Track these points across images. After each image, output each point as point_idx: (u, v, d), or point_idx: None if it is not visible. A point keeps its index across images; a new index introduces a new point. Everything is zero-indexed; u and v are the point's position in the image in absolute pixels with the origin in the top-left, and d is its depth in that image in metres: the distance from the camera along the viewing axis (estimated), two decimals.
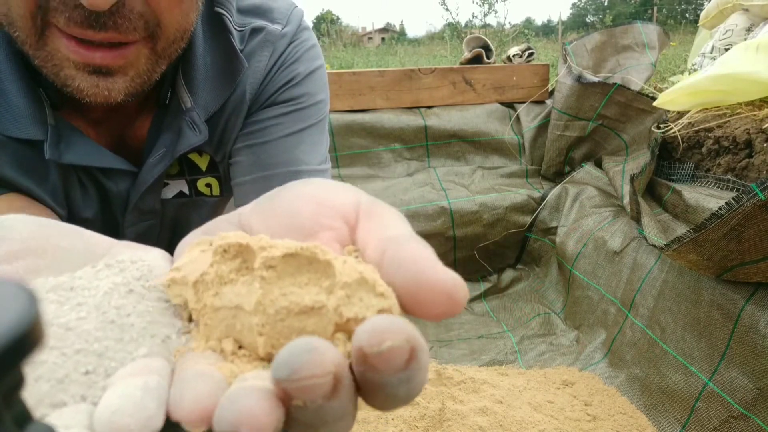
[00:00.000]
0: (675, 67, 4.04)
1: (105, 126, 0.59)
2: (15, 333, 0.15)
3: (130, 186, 0.61)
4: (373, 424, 1.14)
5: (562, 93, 1.81)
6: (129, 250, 0.28)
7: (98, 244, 0.28)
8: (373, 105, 1.96)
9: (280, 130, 0.62)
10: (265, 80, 0.63)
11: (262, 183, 0.61)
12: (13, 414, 0.17)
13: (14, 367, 0.16)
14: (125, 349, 0.22)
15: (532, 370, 1.39)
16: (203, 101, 0.58)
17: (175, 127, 0.58)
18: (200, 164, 0.66)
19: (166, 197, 0.67)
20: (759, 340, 0.93)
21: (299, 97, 0.63)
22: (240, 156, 0.63)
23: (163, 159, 0.59)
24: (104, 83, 0.45)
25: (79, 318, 0.22)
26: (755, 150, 1.18)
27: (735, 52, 1.19)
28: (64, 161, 0.54)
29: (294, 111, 0.63)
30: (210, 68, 0.59)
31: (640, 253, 1.33)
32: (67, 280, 0.24)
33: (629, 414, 1.17)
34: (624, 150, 1.78)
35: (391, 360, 0.19)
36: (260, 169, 0.62)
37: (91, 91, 0.45)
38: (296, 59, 0.64)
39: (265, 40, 0.61)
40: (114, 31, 0.43)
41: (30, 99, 0.51)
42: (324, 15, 12.03)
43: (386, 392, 0.20)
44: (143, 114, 0.60)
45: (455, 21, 8.26)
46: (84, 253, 0.27)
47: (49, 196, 0.58)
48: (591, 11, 42.82)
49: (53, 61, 0.44)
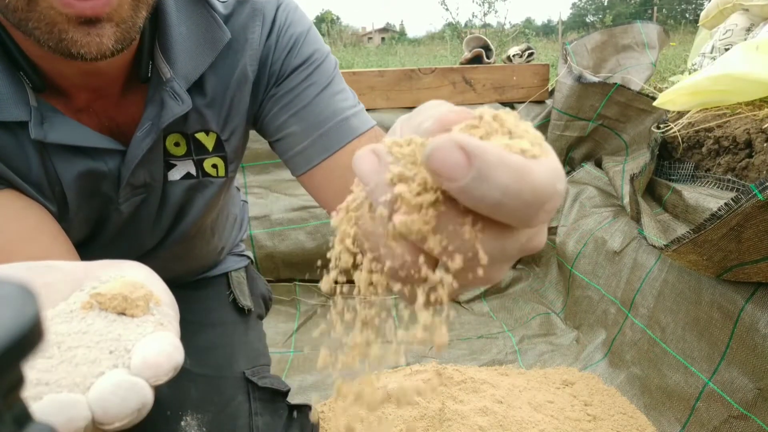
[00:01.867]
0: (675, 67, 4.04)
1: (88, 113, 0.60)
2: (15, 333, 0.15)
3: (120, 163, 0.61)
4: (373, 424, 1.14)
5: (562, 93, 1.81)
6: (103, 270, 0.32)
7: (76, 271, 0.32)
8: (373, 105, 1.96)
9: (313, 89, 0.65)
10: (269, 52, 0.64)
11: (320, 141, 0.64)
12: (13, 414, 0.17)
13: (14, 366, 0.16)
14: (136, 332, 0.29)
15: (532, 370, 1.39)
16: (183, 71, 0.59)
17: (158, 99, 0.59)
18: (207, 144, 0.67)
19: (174, 179, 0.67)
20: (759, 340, 0.93)
21: (311, 55, 0.66)
22: (290, 127, 0.66)
23: (149, 132, 0.60)
24: (94, 31, 0.47)
25: (89, 324, 0.30)
26: (755, 150, 1.18)
27: (735, 52, 1.19)
28: (49, 140, 0.55)
29: (315, 69, 0.66)
30: (186, 38, 0.60)
31: (640, 253, 1.33)
32: (69, 303, 0.31)
33: (629, 414, 1.17)
34: (624, 150, 1.78)
35: (444, 162, 0.21)
36: (315, 129, 0.64)
37: (84, 40, 0.47)
38: (290, 23, 0.65)
39: (252, 10, 0.63)
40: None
41: (10, 82, 0.52)
42: (324, 15, 12.04)
43: (470, 196, 0.22)
44: (126, 97, 0.61)
45: (455, 21, 8.26)
46: (66, 282, 0.31)
47: (36, 190, 0.58)
48: (591, 11, 42.82)
49: (46, 19, 0.46)
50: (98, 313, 0.30)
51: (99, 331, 0.29)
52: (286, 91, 0.65)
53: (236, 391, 0.80)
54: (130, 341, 0.29)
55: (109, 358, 0.28)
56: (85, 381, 0.27)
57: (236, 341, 0.87)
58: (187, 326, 0.91)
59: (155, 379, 0.27)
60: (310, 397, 1.30)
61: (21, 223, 0.56)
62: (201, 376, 0.79)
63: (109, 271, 0.32)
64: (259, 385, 0.81)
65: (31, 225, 0.56)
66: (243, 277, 0.96)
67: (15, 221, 0.55)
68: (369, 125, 0.66)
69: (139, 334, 0.29)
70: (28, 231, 0.56)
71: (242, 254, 0.99)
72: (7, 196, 0.56)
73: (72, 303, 0.30)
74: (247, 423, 0.78)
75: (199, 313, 0.87)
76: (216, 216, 0.82)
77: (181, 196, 0.69)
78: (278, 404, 0.82)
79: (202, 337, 0.84)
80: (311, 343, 1.58)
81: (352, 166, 0.27)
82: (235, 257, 0.97)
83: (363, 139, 0.64)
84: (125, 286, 0.31)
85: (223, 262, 0.94)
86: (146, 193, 0.66)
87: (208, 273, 0.92)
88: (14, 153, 0.55)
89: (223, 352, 0.84)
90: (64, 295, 0.31)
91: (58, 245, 0.57)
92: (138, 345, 0.28)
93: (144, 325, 0.30)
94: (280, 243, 1.77)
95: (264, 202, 1.83)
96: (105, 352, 0.28)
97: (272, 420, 0.80)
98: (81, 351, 0.28)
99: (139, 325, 0.30)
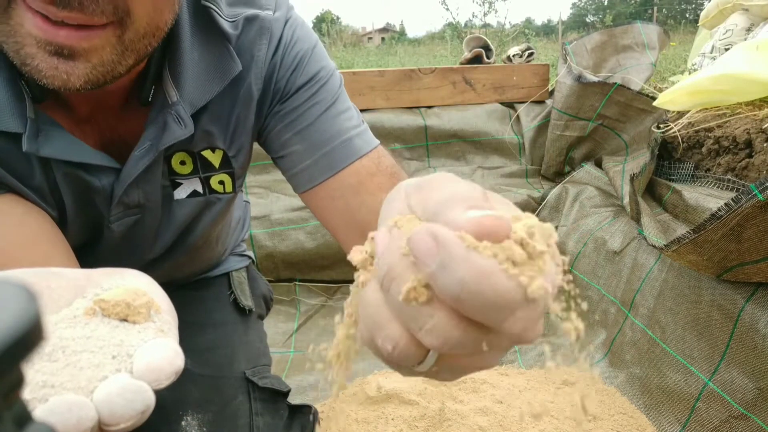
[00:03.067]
0: (675, 67, 4.04)
1: (90, 124, 0.59)
2: (15, 333, 0.16)
3: (115, 180, 0.61)
4: (373, 424, 1.14)
5: (562, 93, 1.81)
6: (105, 277, 0.33)
7: (79, 278, 0.33)
8: (373, 105, 1.96)
9: (317, 109, 0.65)
10: (275, 69, 0.64)
11: (323, 160, 0.64)
12: (13, 414, 0.17)
13: (14, 367, 0.16)
14: (138, 337, 0.30)
15: (532, 370, 1.39)
16: (189, 96, 0.59)
17: (160, 120, 0.58)
18: (213, 161, 0.66)
19: (180, 198, 0.67)
20: (759, 340, 0.93)
21: (317, 72, 0.65)
22: (293, 146, 0.65)
23: (148, 153, 0.59)
24: (64, 66, 0.44)
25: (92, 330, 0.30)
26: (755, 150, 1.18)
27: (735, 52, 1.19)
28: (42, 154, 0.54)
29: (319, 87, 0.65)
30: (198, 64, 0.59)
31: (640, 253, 1.33)
32: (73, 309, 0.32)
33: (629, 414, 1.17)
34: (624, 150, 1.78)
35: (417, 247, 0.24)
36: (317, 149, 0.64)
37: (49, 73, 0.43)
38: (296, 40, 0.65)
39: (260, 28, 0.62)
40: (79, 12, 0.41)
41: (10, 91, 0.51)
42: (324, 15, 12.03)
43: (436, 284, 0.24)
44: (129, 112, 0.60)
45: (455, 21, 8.26)
46: (69, 288, 0.32)
47: (37, 196, 0.58)
48: (591, 11, 42.81)
49: (15, 37, 0.42)
50: (101, 319, 0.31)
51: (102, 337, 0.30)
52: (291, 110, 0.65)
53: (237, 391, 0.80)
54: (132, 347, 0.30)
55: (112, 362, 0.29)
56: (89, 384, 0.28)
57: (237, 341, 0.87)
58: (187, 326, 0.90)
59: (157, 383, 0.28)
60: (310, 397, 1.30)
61: (21, 228, 0.55)
62: (202, 376, 0.79)
63: (111, 278, 0.33)
64: (260, 386, 0.81)
65: (31, 231, 0.56)
66: (244, 278, 0.96)
67: (15, 227, 0.55)
68: (372, 145, 0.66)
69: (141, 340, 0.30)
70: (29, 237, 0.56)
71: (243, 254, 0.99)
72: (7, 202, 0.56)
73: (75, 309, 0.31)
74: (248, 423, 0.78)
75: (200, 313, 0.87)
76: (221, 225, 0.83)
77: (187, 214, 0.69)
78: (279, 404, 0.82)
79: (203, 337, 0.84)
80: (311, 343, 1.58)
81: (353, 189, 0.29)
82: (237, 257, 0.97)
83: (365, 161, 0.64)
84: (128, 294, 0.32)
85: (224, 262, 0.94)
86: (140, 214, 0.65)
87: (209, 273, 0.92)
88: (16, 159, 0.55)
89: (223, 352, 0.84)
90: (67, 301, 0.31)
91: (58, 252, 0.57)
92: (140, 350, 0.29)
93: (145, 331, 0.31)
94: (280, 243, 1.77)
95: (264, 202, 1.83)
96: (108, 357, 0.29)
97: (273, 420, 0.80)
98: (85, 355, 0.29)
99: (141, 331, 0.31)
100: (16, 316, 0.16)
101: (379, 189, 0.63)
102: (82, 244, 0.67)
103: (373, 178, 0.63)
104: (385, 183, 0.63)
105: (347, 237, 0.65)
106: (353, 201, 0.63)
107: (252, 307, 0.92)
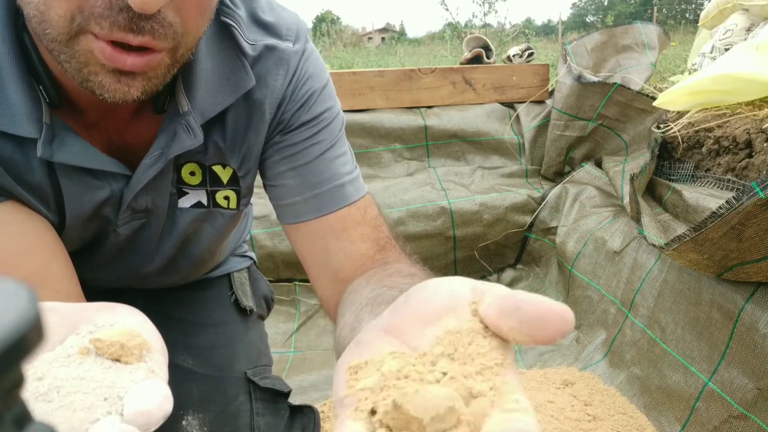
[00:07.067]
0: (675, 67, 4.04)
1: (98, 129, 0.59)
2: (15, 333, 0.16)
3: (124, 186, 0.61)
4: None
5: (562, 93, 1.81)
6: (98, 313, 0.33)
7: (72, 314, 0.33)
8: (373, 105, 1.96)
9: (317, 149, 0.66)
10: (285, 100, 0.65)
11: (313, 201, 0.65)
12: (13, 414, 0.17)
13: (14, 367, 0.16)
14: (128, 378, 0.31)
15: (532, 370, 1.39)
16: (200, 106, 0.59)
17: (171, 129, 0.59)
18: (222, 177, 0.67)
19: (183, 206, 0.67)
20: (759, 339, 0.93)
21: (323, 113, 0.67)
22: (286, 179, 0.66)
23: (158, 161, 0.60)
24: (125, 80, 0.47)
25: (86, 370, 0.31)
26: (755, 150, 1.18)
27: (735, 52, 1.19)
28: (56, 160, 0.54)
29: (323, 128, 0.66)
30: (211, 74, 0.59)
31: (640, 253, 1.33)
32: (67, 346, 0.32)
33: (629, 414, 1.17)
34: (624, 150, 1.78)
35: None
36: (309, 189, 0.65)
37: (111, 87, 0.46)
38: (309, 76, 0.66)
39: (279, 59, 0.63)
40: (150, 36, 0.44)
41: (28, 96, 0.51)
42: (324, 15, 12.04)
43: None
44: (139, 119, 0.61)
45: (455, 21, 8.26)
46: (63, 324, 0.32)
47: (38, 201, 0.58)
48: (591, 11, 42.82)
49: (80, 58, 0.45)
50: (94, 359, 0.31)
51: (95, 378, 0.31)
52: (291, 144, 0.66)
53: (238, 391, 0.80)
54: (123, 388, 0.31)
55: (104, 405, 0.30)
56: (82, 426, 0.29)
57: (237, 341, 0.87)
58: (188, 326, 0.90)
59: (147, 427, 0.29)
60: (310, 397, 1.30)
61: (21, 237, 0.56)
62: (202, 376, 0.80)
63: (103, 314, 0.33)
64: (261, 386, 0.81)
65: (30, 239, 0.56)
66: (245, 278, 0.96)
67: (15, 235, 0.55)
68: (362, 193, 0.68)
69: (132, 381, 0.31)
70: (28, 245, 0.56)
71: (245, 255, 0.99)
72: (8, 209, 0.55)
73: (69, 347, 0.32)
74: (249, 423, 0.78)
75: (201, 313, 0.87)
76: (226, 241, 0.84)
77: (188, 224, 0.69)
78: (280, 405, 0.82)
79: (204, 337, 0.85)
80: (311, 343, 1.58)
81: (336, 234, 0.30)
82: (238, 258, 0.97)
83: (353, 209, 0.66)
84: (123, 335, 0.32)
85: (225, 263, 0.94)
86: (147, 219, 0.66)
87: (210, 274, 0.92)
88: (20, 164, 0.55)
89: (224, 352, 0.84)
90: (60, 338, 0.32)
91: (57, 262, 0.57)
92: (130, 393, 0.30)
93: (136, 372, 0.32)
94: (280, 243, 1.77)
95: (264, 202, 1.82)
96: (100, 399, 0.30)
97: (273, 420, 0.80)
98: (78, 397, 0.30)
99: (132, 372, 0.32)
100: (16, 316, 0.16)
101: (361, 239, 0.65)
102: (81, 249, 0.67)
103: (357, 227, 0.65)
104: (368, 234, 0.65)
105: (318, 276, 0.67)
106: (333, 245, 0.65)
107: (253, 308, 0.93)
